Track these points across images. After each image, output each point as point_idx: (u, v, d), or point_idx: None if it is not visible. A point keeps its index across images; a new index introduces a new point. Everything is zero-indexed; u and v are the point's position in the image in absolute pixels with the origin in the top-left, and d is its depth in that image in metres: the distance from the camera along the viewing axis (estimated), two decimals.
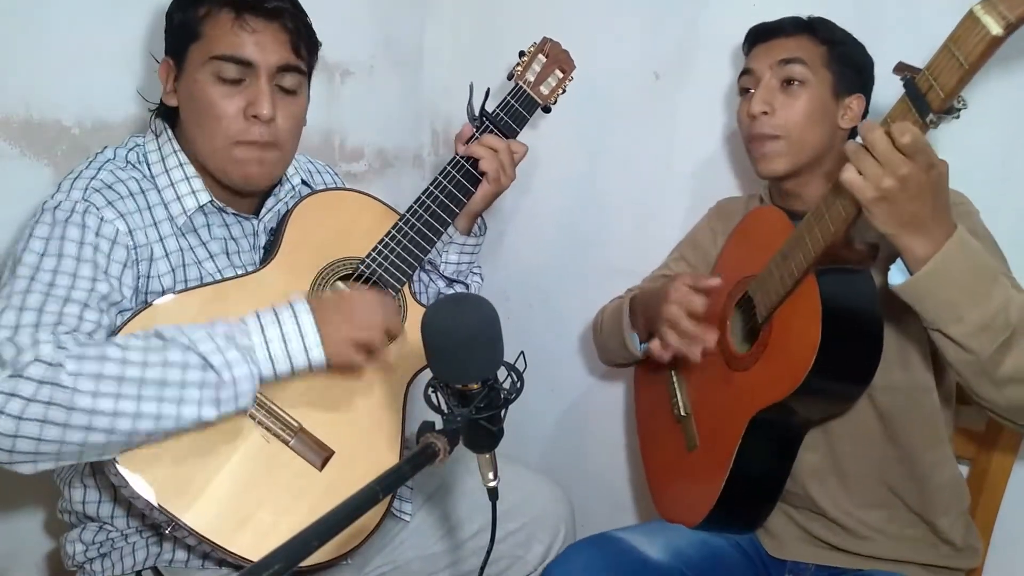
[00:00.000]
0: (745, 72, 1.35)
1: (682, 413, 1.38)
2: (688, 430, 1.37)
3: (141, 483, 1.03)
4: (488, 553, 0.91)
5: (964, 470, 1.36)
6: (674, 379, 1.42)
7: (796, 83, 1.27)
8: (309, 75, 1.26)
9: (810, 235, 1.09)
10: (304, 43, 1.22)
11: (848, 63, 1.29)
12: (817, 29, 1.30)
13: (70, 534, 1.20)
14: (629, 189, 1.80)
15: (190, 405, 1.00)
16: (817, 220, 1.08)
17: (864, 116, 1.31)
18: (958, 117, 0.94)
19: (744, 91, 1.35)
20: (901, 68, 0.97)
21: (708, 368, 1.32)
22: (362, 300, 1.14)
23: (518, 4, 1.88)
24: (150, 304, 1.10)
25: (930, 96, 0.93)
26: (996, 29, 0.85)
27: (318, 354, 1.09)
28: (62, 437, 0.94)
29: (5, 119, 1.27)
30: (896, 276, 1.02)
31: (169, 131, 1.22)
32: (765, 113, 1.28)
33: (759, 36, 1.34)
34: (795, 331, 1.15)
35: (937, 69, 0.92)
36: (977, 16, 0.87)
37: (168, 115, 1.23)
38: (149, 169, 1.20)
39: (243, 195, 1.25)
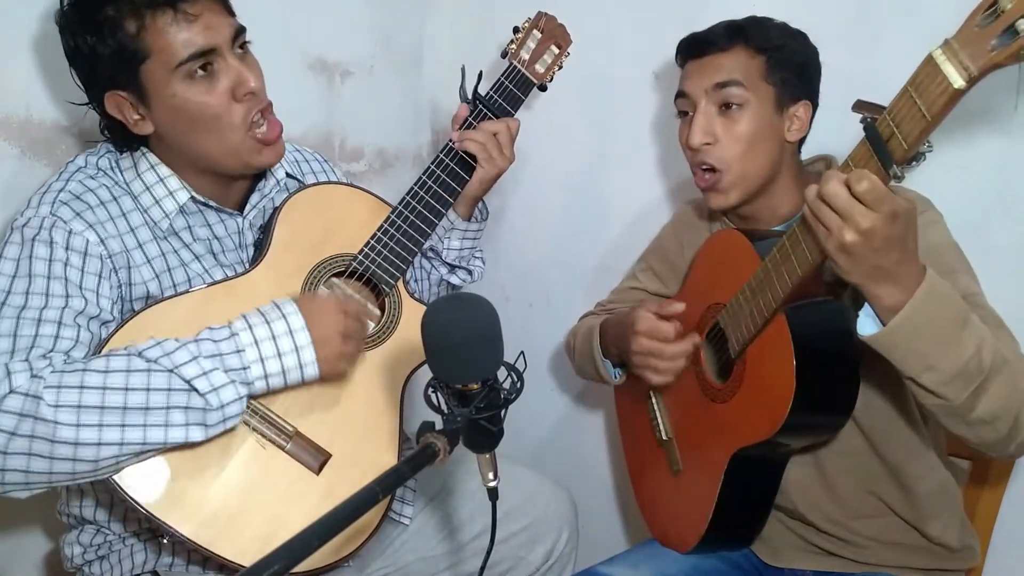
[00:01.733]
0: (680, 95, 1.28)
1: (664, 437, 1.36)
2: (671, 454, 1.35)
3: (136, 495, 1.03)
4: (488, 554, 0.91)
5: (964, 470, 1.36)
6: (654, 402, 1.39)
7: (735, 106, 1.21)
8: None
9: (777, 274, 1.05)
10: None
11: (789, 68, 1.22)
12: (751, 37, 1.22)
13: (68, 536, 1.20)
14: (629, 189, 1.80)
15: (176, 429, 0.99)
16: (784, 260, 1.04)
17: (812, 120, 1.26)
18: (924, 160, 0.89)
19: (682, 113, 1.29)
20: (860, 107, 0.91)
21: (687, 394, 1.30)
22: (346, 310, 1.12)
23: (518, 4, 1.88)
24: (137, 312, 1.08)
25: (892, 145, 0.88)
26: (959, 82, 0.81)
27: (313, 371, 1.08)
28: (49, 468, 0.95)
29: (5, 119, 1.27)
30: (865, 323, 0.98)
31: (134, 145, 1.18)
32: (708, 144, 1.23)
33: (691, 50, 1.27)
34: (769, 373, 1.12)
35: (899, 115, 0.86)
36: (937, 63, 0.82)
37: (131, 142, 1.18)
38: (122, 175, 1.17)
39: (232, 181, 1.22)
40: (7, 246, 1.07)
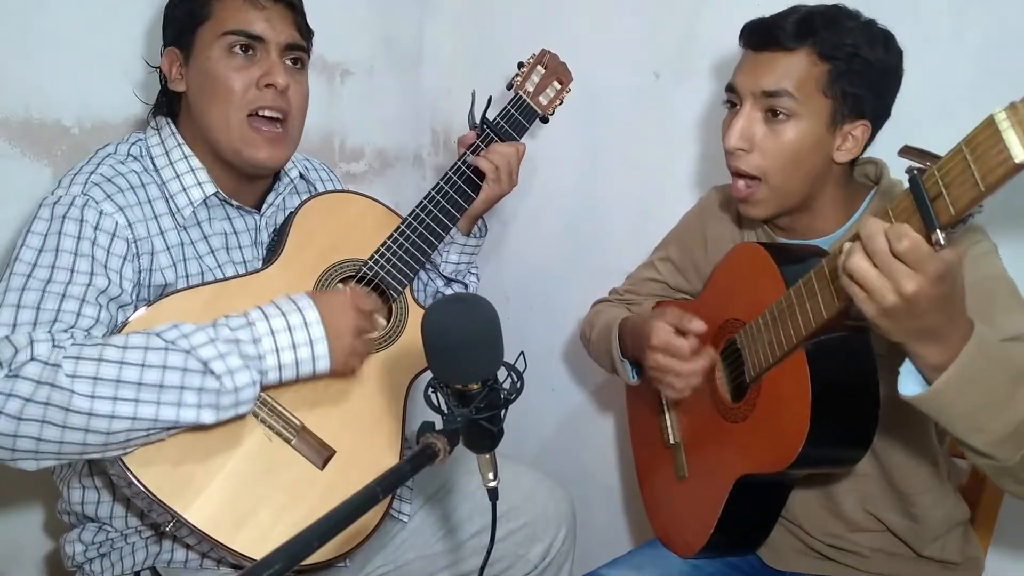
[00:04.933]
0: (729, 88, 1.18)
1: (671, 441, 1.36)
2: (677, 458, 1.35)
3: (144, 479, 1.03)
4: (488, 553, 0.91)
5: (964, 470, 1.36)
6: (665, 404, 1.38)
7: (782, 115, 1.10)
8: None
9: (800, 309, 0.99)
10: (305, 27, 1.26)
11: (857, 83, 1.09)
12: (821, 39, 1.08)
13: (69, 534, 1.20)
14: (629, 189, 1.80)
15: (188, 409, 1.00)
16: (809, 296, 0.98)
17: (869, 143, 1.15)
18: (972, 220, 0.79)
19: (730, 103, 1.19)
20: (908, 152, 0.82)
21: (699, 403, 1.27)
22: (358, 307, 1.14)
23: (518, 4, 1.88)
24: (153, 302, 1.10)
25: (938, 205, 0.78)
26: (1020, 156, 0.69)
27: (324, 364, 1.10)
28: (61, 437, 0.95)
29: (5, 119, 1.27)
30: (907, 382, 0.90)
31: (172, 125, 1.22)
32: (742, 149, 1.14)
33: (752, 39, 1.15)
34: (784, 407, 1.08)
35: (950, 175, 0.77)
36: (998, 128, 0.71)
37: (170, 109, 1.24)
38: (152, 162, 1.20)
39: (249, 180, 1.26)
40: (36, 221, 1.08)
